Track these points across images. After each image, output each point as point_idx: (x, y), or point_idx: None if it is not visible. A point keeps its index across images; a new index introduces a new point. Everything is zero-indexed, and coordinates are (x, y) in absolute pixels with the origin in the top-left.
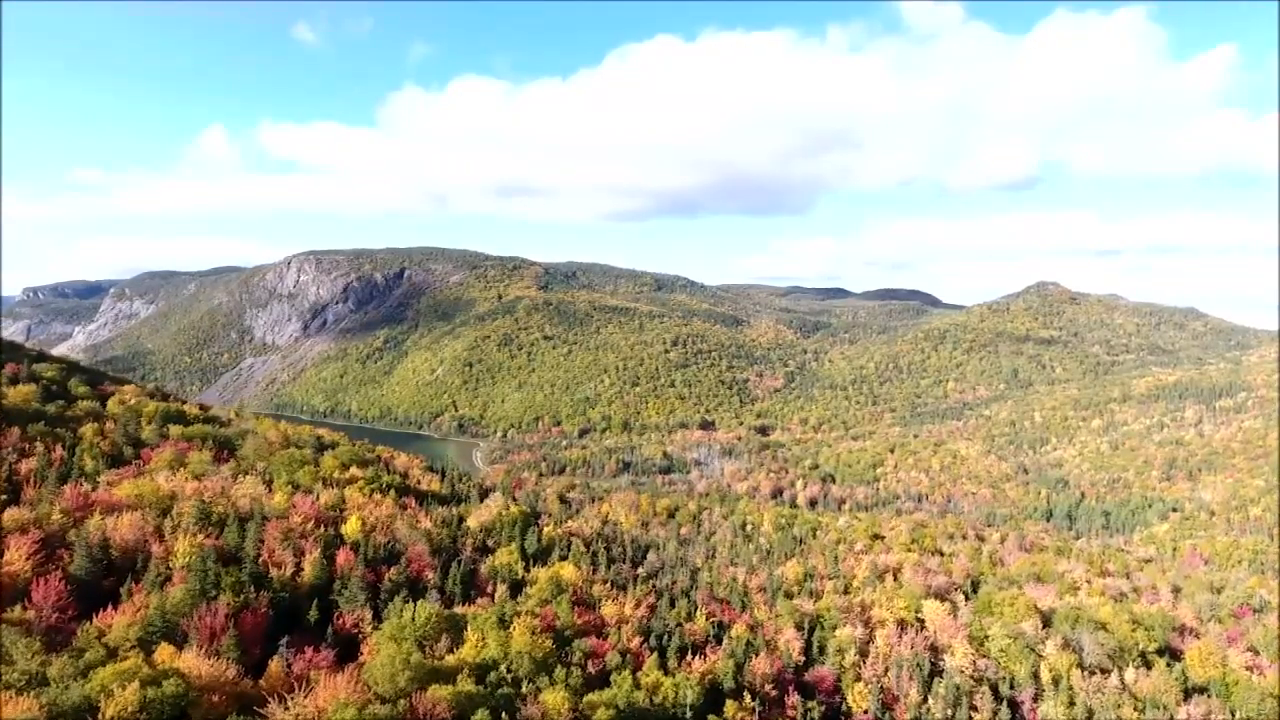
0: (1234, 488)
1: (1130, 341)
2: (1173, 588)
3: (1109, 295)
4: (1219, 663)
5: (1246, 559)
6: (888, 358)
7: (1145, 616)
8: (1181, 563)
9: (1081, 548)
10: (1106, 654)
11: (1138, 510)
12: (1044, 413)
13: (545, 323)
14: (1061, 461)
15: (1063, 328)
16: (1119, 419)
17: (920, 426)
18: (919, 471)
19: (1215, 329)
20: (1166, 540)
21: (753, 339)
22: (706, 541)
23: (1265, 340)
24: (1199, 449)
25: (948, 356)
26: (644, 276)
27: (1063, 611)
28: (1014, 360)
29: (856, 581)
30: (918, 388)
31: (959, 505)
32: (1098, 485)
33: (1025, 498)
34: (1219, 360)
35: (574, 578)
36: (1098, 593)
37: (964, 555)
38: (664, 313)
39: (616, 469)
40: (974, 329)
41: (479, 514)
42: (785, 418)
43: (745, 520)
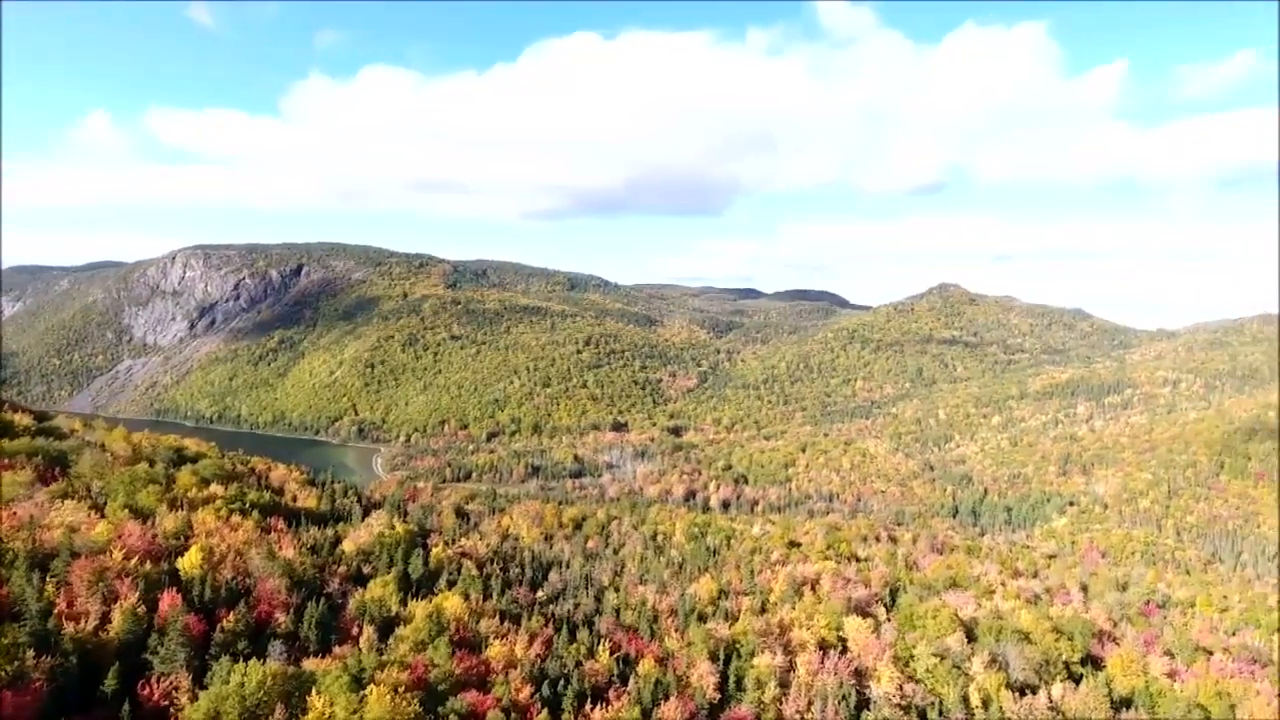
0: (1124, 481)
1: (1025, 341)
2: (1081, 585)
3: (1005, 297)
4: (1140, 670)
5: (1139, 551)
6: (799, 357)
7: (1065, 623)
8: (1082, 556)
9: (989, 545)
10: (1033, 668)
11: (1037, 505)
12: (947, 410)
13: (453, 322)
14: (965, 458)
15: (963, 328)
16: (1017, 416)
17: (830, 425)
18: (830, 470)
19: (1101, 329)
20: (1066, 535)
21: (666, 339)
22: (615, 555)
23: (1145, 340)
24: (1091, 444)
25: (856, 356)
26: (557, 275)
27: (986, 623)
28: (919, 359)
29: (774, 596)
30: (828, 387)
31: (869, 504)
32: (999, 481)
33: (932, 495)
34: (1105, 359)
35: (458, 611)
36: (1013, 595)
37: (881, 561)
38: (577, 312)
39: (525, 473)
40: (881, 329)
41: (358, 535)
42: (698, 418)
43: (656, 530)
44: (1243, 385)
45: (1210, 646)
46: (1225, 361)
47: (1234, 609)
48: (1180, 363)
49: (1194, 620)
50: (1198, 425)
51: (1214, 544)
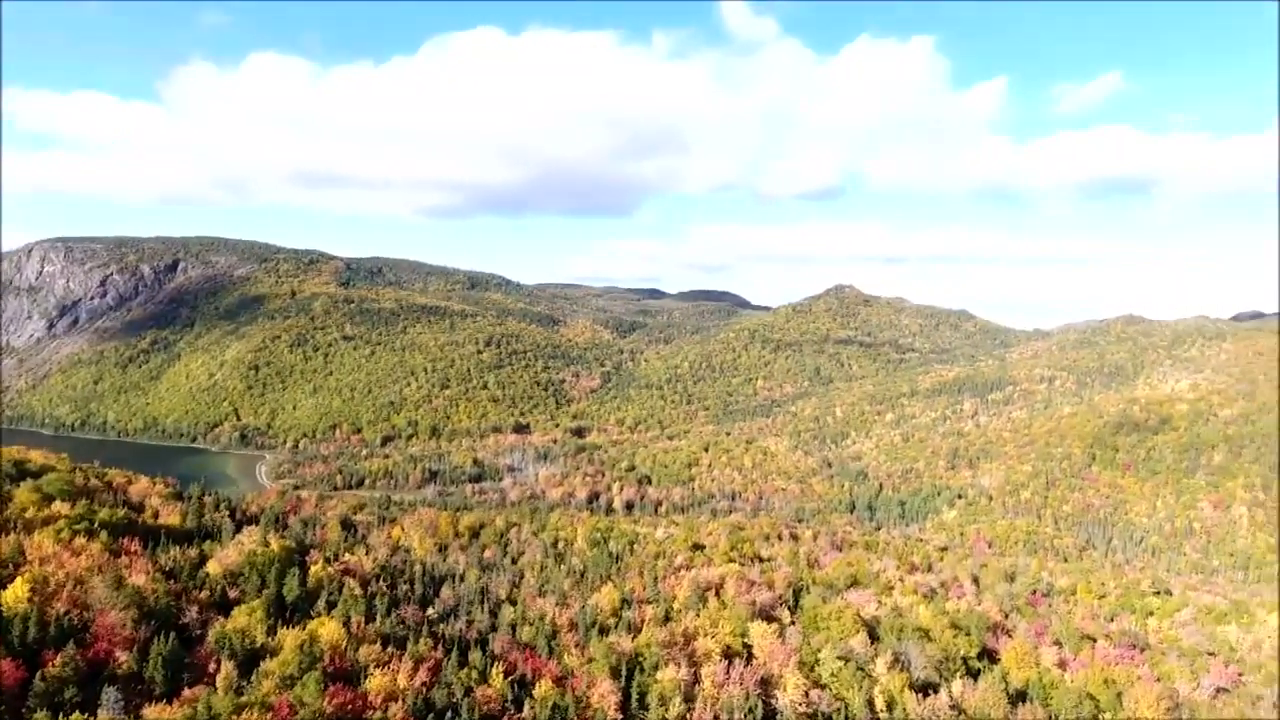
0: (1007, 474)
1: (915, 341)
2: (973, 578)
3: (896, 298)
4: (1033, 662)
5: (1022, 540)
6: (701, 357)
7: (962, 618)
8: (971, 548)
9: (886, 540)
10: (934, 666)
11: (929, 498)
12: (844, 408)
13: (345, 322)
14: (861, 454)
15: (858, 328)
16: (909, 413)
17: (732, 424)
18: (732, 469)
19: (984, 329)
20: (955, 526)
21: (569, 339)
22: (513, 566)
23: (1023, 339)
24: (977, 439)
25: (757, 355)
26: (457, 274)
27: (888, 621)
28: (817, 359)
29: (678, 604)
30: (730, 386)
31: (771, 502)
32: (893, 476)
33: (831, 491)
34: (988, 358)
35: (335, 638)
36: (911, 591)
37: (784, 561)
38: (477, 312)
39: (422, 479)
40: (781, 329)
41: (225, 555)
42: (602, 418)
43: (558, 536)
44: (1109, 382)
45: (1093, 634)
46: (1094, 360)
47: (1110, 595)
48: (1054, 361)
49: (1076, 608)
50: (1071, 420)
51: (1087, 531)
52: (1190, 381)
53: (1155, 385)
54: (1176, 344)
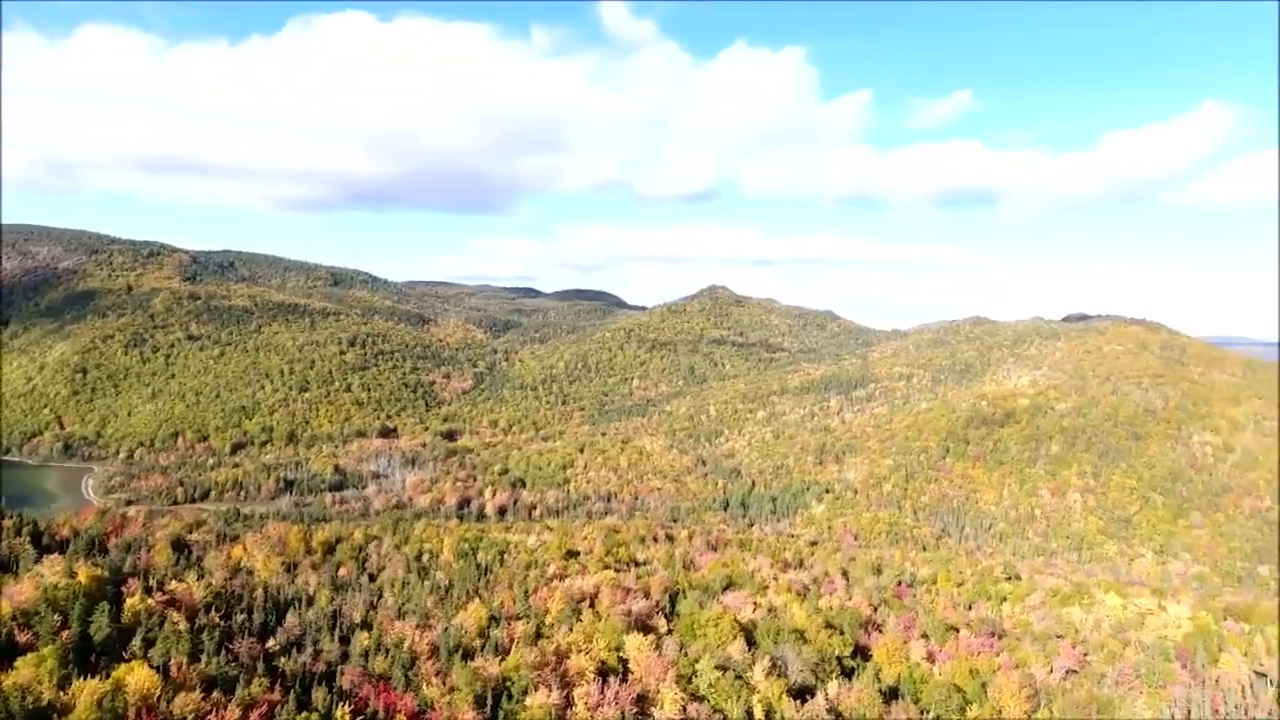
0: (870, 467)
1: (784, 340)
2: (842, 571)
3: (766, 299)
4: (903, 657)
5: (885, 531)
6: (577, 357)
7: (835, 616)
8: (839, 540)
9: (759, 537)
10: (810, 669)
11: (798, 494)
12: (718, 406)
13: (191, 320)
14: (734, 452)
15: (731, 328)
16: (779, 410)
17: (608, 424)
18: (608, 470)
19: (847, 329)
20: (824, 520)
21: (440, 339)
22: (371, 584)
23: (883, 339)
24: (842, 435)
25: (633, 355)
26: (319, 270)
27: (764, 625)
28: (691, 358)
29: (551, 618)
30: (605, 386)
31: (647, 502)
32: (765, 473)
33: (705, 489)
34: (851, 356)
35: (147, 686)
36: (785, 589)
37: (660, 564)
38: (341, 310)
39: (277, 489)
40: (656, 329)
41: (18, 590)
42: (474, 420)
43: (422, 549)
44: (961, 379)
45: (956, 623)
46: (946, 358)
47: (968, 583)
48: (912, 360)
49: (938, 597)
50: (928, 415)
51: (943, 520)
52: (1030, 378)
53: (1000, 381)
54: (1018, 343)
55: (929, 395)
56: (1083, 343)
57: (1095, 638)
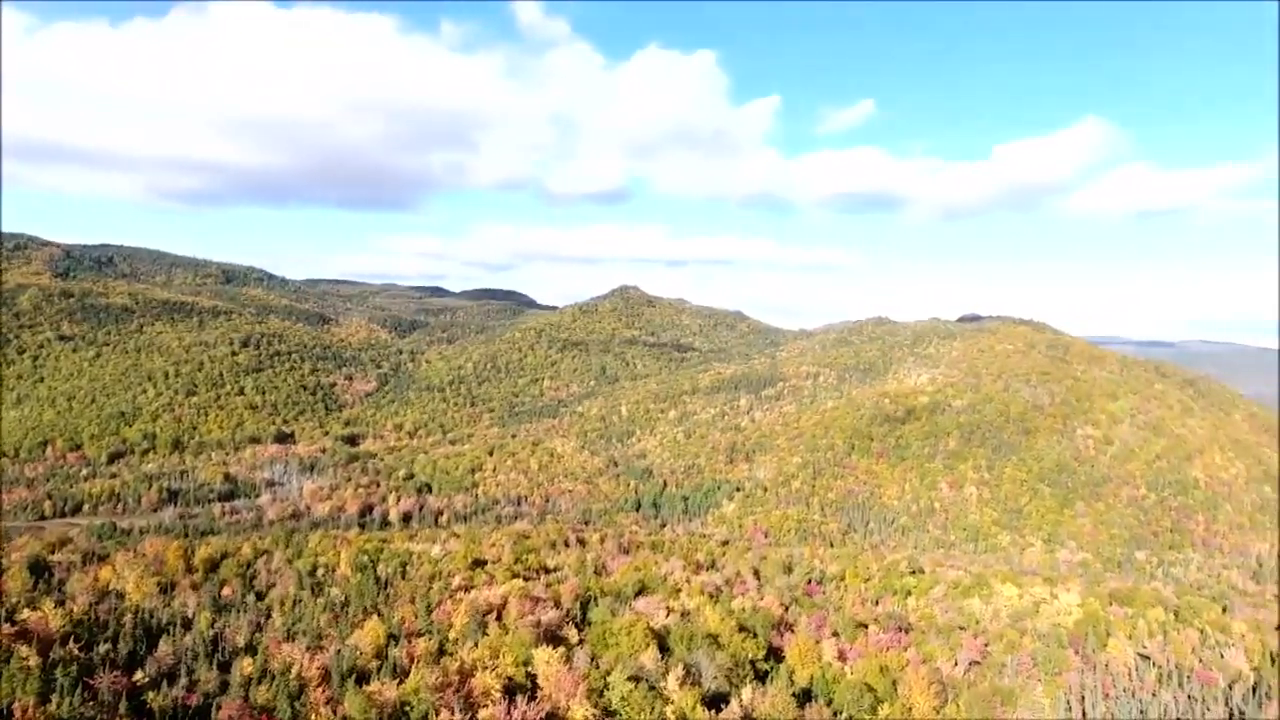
0: (780, 465)
1: (695, 340)
2: (754, 571)
3: (677, 299)
4: (815, 657)
5: (794, 528)
6: (486, 357)
7: (748, 618)
8: (750, 539)
9: (671, 538)
10: (724, 675)
11: (710, 493)
12: (629, 407)
13: (63, 319)
14: (646, 452)
15: (642, 328)
16: (690, 410)
17: (518, 426)
18: (518, 473)
19: (756, 329)
20: (734, 519)
21: (342, 339)
22: (259, 603)
23: (790, 339)
24: (752, 433)
25: (544, 355)
26: (209, 267)
27: (677, 630)
28: (603, 358)
29: (455, 632)
30: (516, 387)
31: (558, 504)
32: (676, 472)
33: (617, 490)
34: (761, 356)
35: None
36: (698, 591)
37: (571, 570)
38: (233, 309)
39: (159, 500)
40: (567, 329)
41: None
42: (378, 424)
43: (317, 562)
44: (864, 377)
45: (864, 619)
46: (851, 357)
47: (875, 578)
48: (818, 359)
49: (847, 594)
50: (834, 413)
51: (849, 516)
52: (929, 376)
53: (901, 380)
54: (917, 343)
55: (835, 393)
56: (976, 342)
57: (994, 627)
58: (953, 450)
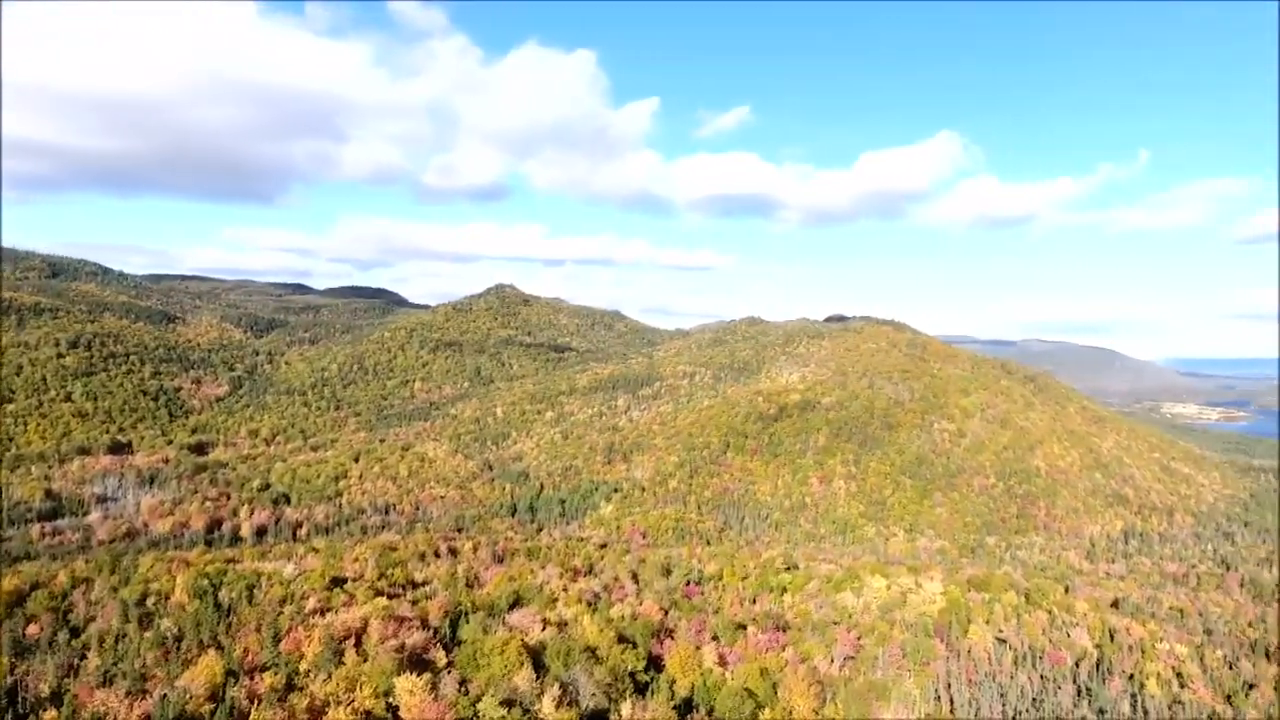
0: (657, 464)
1: (573, 340)
2: (632, 574)
3: (554, 299)
4: (696, 664)
5: (671, 527)
6: (352, 358)
7: (627, 627)
8: (628, 541)
9: (548, 543)
10: (603, 690)
11: (587, 495)
12: (505, 408)
13: None
14: (522, 454)
15: (518, 327)
16: (568, 410)
17: (387, 430)
18: (386, 480)
19: (633, 329)
20: (612, 520)
21: (189, 339)
22: (74, 641)
23: (667, 338)
24: (630, 433)
25: (414, 356)
26: (31, 259)
27: (554, 646)
28: (477, 359)
29: (306, 663)
30: (385, 389)
31: (429, 512)
32: (554, 475)
33: (491, 495)
34: (638, 355)
35: None
36: (575, 600)
37: (440, 584)
38: (61, 306)
39: None
40: (440, 328)
41: None
42: (230, 431)
43: (147, 590)
44: (739, 376)
45: (743, 620)
46: (725, 356)
47: (752, 576)
48: (694, 358)
49: (725, 594)
50: (710, 411)
51: (725, 513)
52: (800, 375)
53: (774, 378)
54: (788, 342)
55: (711, 392)
56: (843, 342)
57: (866, 620)
58: (822, 446)
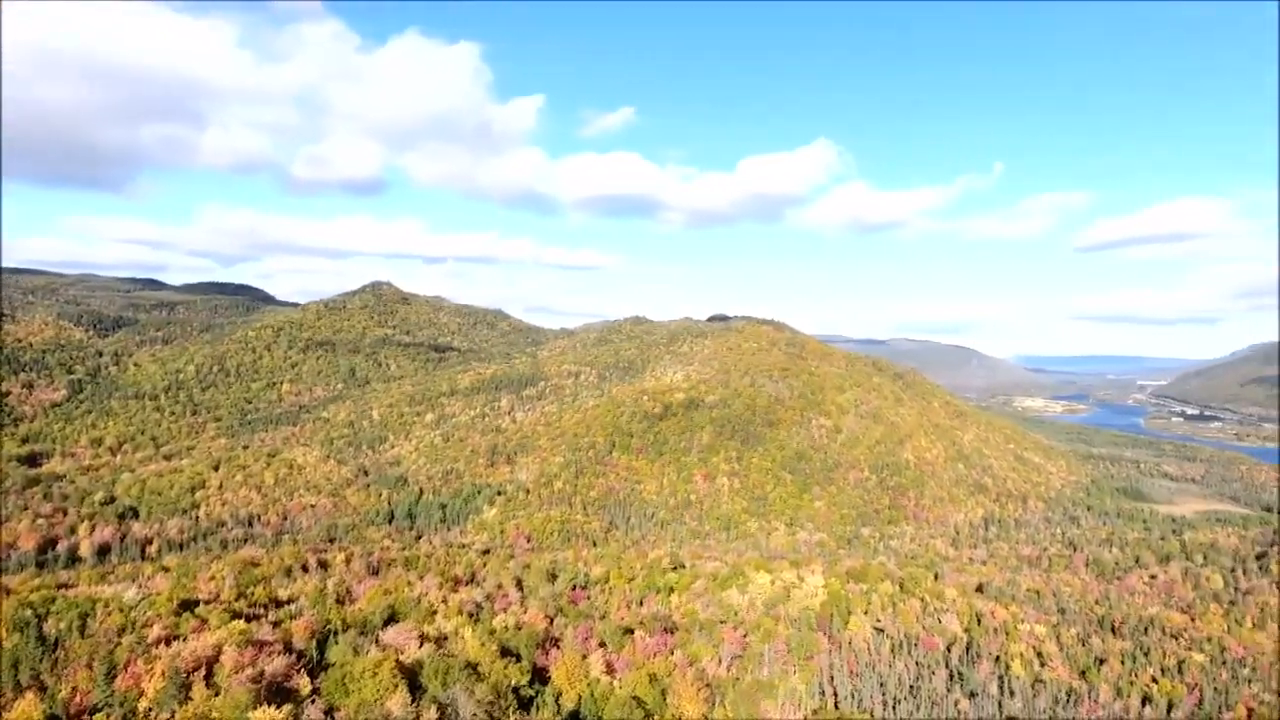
0: (542, 466)
1: (454, 340)
2: (516, 581)
3: (435, 297)
4: (583, 674)
5: (557, 530)
6: (212, 359)
7: (511, 639)
8: (512, 545)
9: (428, 551)
10: (485, 710)
11: (470, 499)
12: (382, 410)
13: None
14: (400, 459)
15: (396, 326)
16: (449, 412)
17: (252, 436)
18: (250, 489)
19: (517, 328)
20: (496, 524)
21: (20, 339)
22: None
23: (552, 337)
24: (514, 434)
25: (282, 356)
26: None
27: (431, 664)
28: (352, 359)
29: (147, 701)
30: (249, 392)
31: (298, 522)
32: (434, 479)
33: (367, 502)
34: (522, 355)
35: None
36: (455, 611)
37: (308, 603)
38: None
39: None
40: (311, 327)
41: None
42: (68, 440)
43: None
44: (624, 375)
45: (630, 624)
46: (611, 355)
47: (639, 577)
48: (579, 357)
49: (613, 597)
50: (595, 411)
51: (611, 513)
52: (684, 373)
53: (659, 377)
54: (672, 341)
55: (596, 392)
56: (725, 340)
57: (751, 617)
58: (706, 444)
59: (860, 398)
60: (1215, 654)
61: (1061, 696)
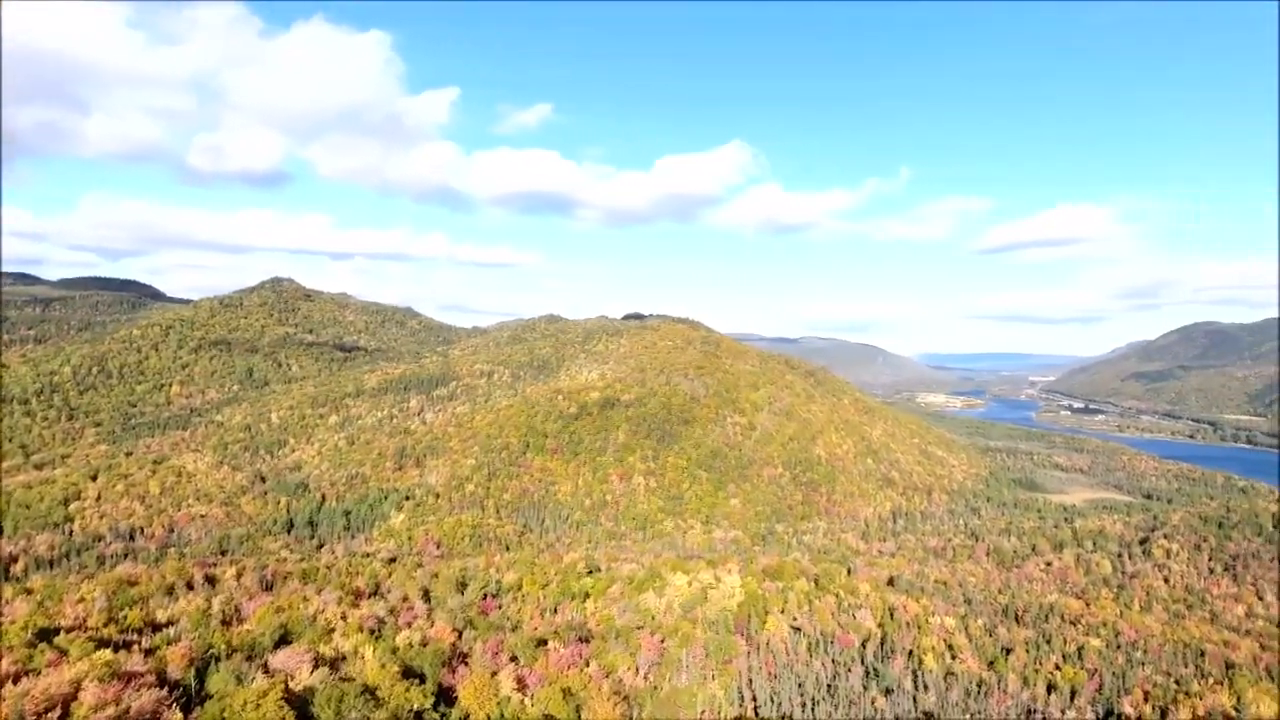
0: (453, 469)
1: (361, 339)
2: (423, 592)
3: (340, 294)
4: (493, 692)
5: (468, 534)
6: (92, 360)
7: (414, 657)
8: (420, 552)
9: (329, 561)
10: None
11: (375, 504)
12: (281, 413)
13: None
14: (301, 463)
15: (298, 324)
16: (355, 414)
17: (136, 442)
18: (133, 500)
19: (428, 327)
20: (403, 530)
21: None
22: None
23: (464, 336)
24: (424, 436)
25: (172, 356)
26: None
27: (324, 692)
28: (249, 359)
29: None
30: (133, 395)
31: (186, 534)
32: (338, 484)
33: (264, 510)
34: (433, 354)
35: None
36: (355, 629)
37: (189, 625)
38: None
39: None
40: (204, 325)
41: None
42: None
43: None
44: (538, 374)
45: (544, 634)
46: (525, 354)
47: (553, 583)
48: (492, 356)
49: (525, 605)
50: (508, 411)
51: (525, 516)
52: (599, 372)
53: (574, 376)
54: (587, 340)
55: (510, 392)
56: (641, 339)
57: (669, 621)
58: (622, 443)
59: (773, 395)
60: (1110, 638)
61: (973, 689)
